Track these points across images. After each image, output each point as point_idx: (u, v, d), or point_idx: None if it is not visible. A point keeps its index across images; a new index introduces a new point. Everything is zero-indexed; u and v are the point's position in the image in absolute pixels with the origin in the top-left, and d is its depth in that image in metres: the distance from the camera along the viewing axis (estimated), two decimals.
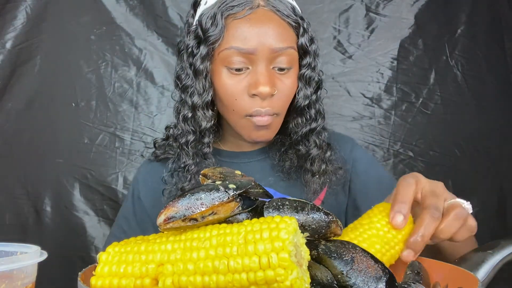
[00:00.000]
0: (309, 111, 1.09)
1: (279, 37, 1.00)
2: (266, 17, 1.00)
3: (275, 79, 1.01)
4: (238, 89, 1.01)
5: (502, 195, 1.66)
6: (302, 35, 1.04)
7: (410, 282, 0.63)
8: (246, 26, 0.99)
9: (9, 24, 1.58)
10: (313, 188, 1.10)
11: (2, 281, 0.63)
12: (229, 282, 0.54)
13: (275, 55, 1.00)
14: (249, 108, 1.01)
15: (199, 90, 1.04)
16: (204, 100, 1.04)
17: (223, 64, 1.01)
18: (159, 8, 1.69)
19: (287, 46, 1.01)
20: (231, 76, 1.01)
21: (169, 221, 0.58)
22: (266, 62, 1.00)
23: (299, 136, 1.09)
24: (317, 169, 1.09)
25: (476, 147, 1.67)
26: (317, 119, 1.10)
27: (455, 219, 0.73)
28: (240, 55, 0.99)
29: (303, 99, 1.07)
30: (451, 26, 1.68)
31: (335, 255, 0.59)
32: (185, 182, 1.09)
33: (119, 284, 0.60)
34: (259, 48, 0.98)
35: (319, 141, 1.10)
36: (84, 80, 1.67)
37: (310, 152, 1.09)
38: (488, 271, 0.71)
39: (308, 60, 1.06)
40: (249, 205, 0.63)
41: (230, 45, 0.99)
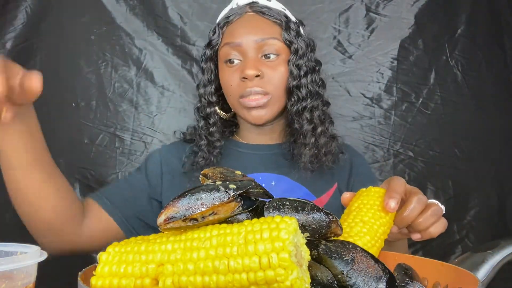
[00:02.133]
0: (300, 91, 1.24)
1: (261, 31, 1.23)
2: (251, 18, 1.26)
3: (262, 64, 1.22)
4: (232, 77, 1.24)
5: (502, 195, 1.66)
6: (286, 29, 1.25)
7: (408, 281, 0.63)
8: (235, 27, 1.26)
9: (9, 24, 1.58)
10: (303, 159, 1.24)
11: (2, 281, 0.62)
12: (229, 282, 0.54)
13: (260, 45, 1.22)
14: (241, 90, 1.22)
15: (205, 83, 1.32)
16: (207, 90, 1.31)
17: (222, 60, 1.26)
18: (159, 8, 1.69)
19: (269, 36, 1.22)
20: (228, 69, 1.25)
21: (169, 221, 0.58)
22: (253, 52, 1.22)
23: (293, 114, 1.25)
24: (308, 142, 1.25)
25: (476, 147, 1.67)
26: (306, 99, 1.25)
27: (432, 214, 0.86)
28: (232, 49, 1.23)
29: (292, 80, 1.24)
30: (451, 26, 1.68)
31: (336, 255, 0.59)
32: (200, 158, 1.28)
33: (119, 284, 0.60)
34: (244, 41, 1.22)
35: (310, 117, 1.25)
36: (84, 80, 1.67)
37: (303, 127, 1.25)
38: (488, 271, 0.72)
39: (294, 47, 1.25)
40: (250, 205, 0.63)
41: (224, 43, 1.25)
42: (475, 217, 1.68)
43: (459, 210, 1.68)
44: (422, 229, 0.86)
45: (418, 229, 0.86)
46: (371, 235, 0.78)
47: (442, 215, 0.89)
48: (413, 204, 0.84)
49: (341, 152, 1.32)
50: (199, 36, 1.68)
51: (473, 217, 1.68)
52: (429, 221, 0.85)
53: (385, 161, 1.70)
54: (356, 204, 0.86)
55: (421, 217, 0.85)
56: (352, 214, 0.83)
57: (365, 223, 0.79)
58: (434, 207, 0.86)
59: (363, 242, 0.75)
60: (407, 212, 0.84)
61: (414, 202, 0.85)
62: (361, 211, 0.83)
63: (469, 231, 1.68)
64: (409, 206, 0.84)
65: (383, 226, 0.81)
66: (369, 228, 0.79)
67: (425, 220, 0.85)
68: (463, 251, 1.67)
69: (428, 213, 0.85)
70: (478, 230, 1.68)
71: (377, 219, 0.81)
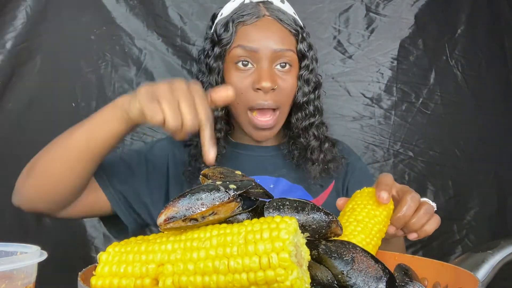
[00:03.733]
0: (308, 107, 1.24)
1: (280, 41, 1.17)
2: (270, 24, 1.19)
3: (276, 76, 1.17)
4: (243, 83, 1.17)
5: (502, 195, 1.66)
6: (301, 41, 1.22)
7: (408, 281, 0.63)
8: (253, 30, 1.18)
9: (9, 24, 1.57)
10: (313, 174, 1.24)
11: (2, 281, 0.63)
12: (229, 282, 0.54)
13: (276, 56, 1.17)
14: (252, 100, 1.17)
15: (212, 83, 1.22)
16: None
17: (232, 61, 1.19)
18: (159, 8, 1.68)
19: (287, 48, 1.18)
20: (238, 73, 1.18)
21: (169, 221, 0.58)
22: (268, 61, 1.16)
23: (299, 129, 1.25)
24: (316, 158, 1.24)
25: (476, 147, 1.68)
26: (315, 115, 1.25)
27: (424, 213, 0.86)
28: (245, 52, 1.16)
29: (301, 96, 1.22)
30: (451, 26, 1.68)
31: (336, 255, 0.59)
32: (202, 164, 1.21)
33: (119, 284, 0.60)
34: (262, 48, 1.16)
35: (317, 133, 1.25)
36: (84, 80, 1.67)
37: (310, 143, 1.24)
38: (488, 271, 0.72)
39: (306, 62, 1.22)
40: (250, 205, 0.63)
41: (238, 44, 1.17)
42: (475, 217, 1.68)
43: (459, 210, 1.68)
44: (417, 228, 0.87)
45: (414, 228, 0.87)
46: (366, 233, 0.78)
47: (434, 212, 0.90)
48: (408, 203, 0.85)
49: (343, 157, 1.31)
50: (199, 36, 1.68)
51: (473, 217, 1.68)
52: (423, 220, 0.86)
53: (385, 161, 1.70)
54: (350, 205, 0.87)
55: (415, 217, 0.86)
56: (346, 214, 0.84)
57: (359, 222, 0.80)
58: (426, 206, 0.87)
59: (357, 240, 0.76)
60: (402, 212, 0.84)
61: (408, 201, 0.85)
62: (355, 211, 0.84)
63: (469, 231, 1.68)
64: (404, 205, 0.85)
65: (378, 224, 0.82)
66: (363, 226, 0.79)
67: (419, 219, 0.86)
68: (463, 251, 1.67)
69: (421, 212, 0.86)
70: (478, 230, 1.68)
71: (371, 218, 0.82)
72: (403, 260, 0.75)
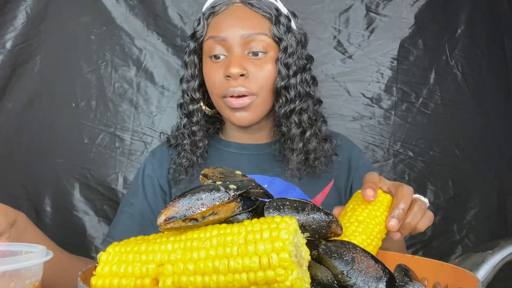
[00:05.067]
0: (288, 93, 1.18)
1: (248, 25, 1.15)
2: (238, 10, 1.18)
3: (247, 62, 1.15)
4: (216, 73, 1.17)
5: (502, 195, 1.66)
6: (275, 24, 1.17)
7: (408, 281, 0.63)
8: (221, 19, 1.18)
9: (9, 24, 1.57)
10: (291, 165, 1.19)
11: (11, 279, 0.63)
12: (229, 282, 0.54)
13: (247, 41, 1.15)
14: (224, 89, 1.16)
15: (188, 78, 1.24)
16: (190, 86, 1.24)
17: (206, 55, 1.19)
18: (159, 8, 1.68)
19: (257, 32, 1.15)
20: (212, 64, 1.18)
21: (169, 221, 0.59)
22: (239, 48, 1.15)
23: (280, 117, 1.20)
24: (295, 147, 1.19)
25: (476, 147, 1.67)
26: (295, 100, 1.19)
27: (418, 210, 0.85)
28: (216, 43, 1.16)
29: (280, 80, 1.17)
30: (451, 26, 1.68)
31: (336, 255, 0.59)
32: (184, 159, 1.24)
33: (119, 284, 0.60)
34: (230, 35, 1.14)
35: (298, 120, 1.19)
36: (84, 80, 1.67)
37: (291, 130, 1.19)
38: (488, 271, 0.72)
39: (283, 44, 1.17)
40: (250, 205, 0.63)
41: (209, 36, 1.18)
42: (475, 217, 1.68)
43: (459, 210, 1.68)
44: (412, 228, 0.86)
45: (408, 228, 0.85)
46: (367, 234, 0.78)
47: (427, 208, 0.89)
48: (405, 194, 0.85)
49: (335, 154, 1.26)
50: None
51: (473, 217, 1.68)
52: (417, 218, 0.85)
53: (385, 161, 1.70)
54: (351, 205, 0.86)
55: (410, 215, 0.85)
56: (347, 215, 0.83)
57: (360, 222, 0.80)
58: (418, 202, 0.87)
59: (358, 241, 0.76)
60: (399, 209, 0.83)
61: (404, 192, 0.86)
62: (355, 211, 0.83)
63: (469, 231, 1.68)
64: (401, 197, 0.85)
65: (379, 225, 0.81)
66: (364, 227, 0.79)
67: (414, 217, 0.85)
68: (463, 251, 1.67)
69: (414, 209, 0.85)
70: (478, 230, 1.68)
71: (372, 218, 0.81)
72: (403, 260, 0.75)
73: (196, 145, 1.25)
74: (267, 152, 1.28)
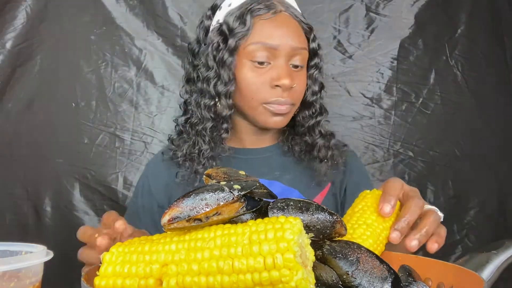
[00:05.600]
0: (315, 105, 1.23)
1: (297, 38, 1.15)
2: (287, 20, 1.16)
3: (293, 74, 1.15)
4: (260, 80, 1.14)
5: (502, 195, 1.66)
6: (313, 40, 1.20)
7: (412, 281, 0.63)
8: (271, 26, 1.14)
9: (9, 24, 1.58)
10: (322, 171, 1.23)
11: (11, 279, 0.63)
12: (234, 283, 0.54)
13: (293, 53, 1.14)
14: (269, 97, 1.14)
15: (225, 79, 1.15)
16: (228, 89, 1.16)
17: (247, 58, 1.14)
18: (159, 8, 1.69)
19: (303, 46, 1.16)
20: (254, 69, 1.14)
21: (173, 221, 0.58)
22: (286, 59, 1.14)
23: (305, 127, 1.23)
24: (324, 155, 1.23)
25: (476, 147, 1.68)
26: (322, 113, 1.25)
27: (433, 221, 0.80)
28: (264, 50, 1.13)
29: (311, 95, 1.22)
30: (451, 26, 1.69)
31: (340, 255, 0.58)
32: (199, 165, 1.20)
33: (123, 284, 0.60)
34: (281, 45, 1.12)
35: (324, 131, 1.25)
36: (84, 80, 1.67)
37: (316, 141, 1.23)
38: (493, 271, 0.72)
39: (316, 61, 1.22)
40: (254, 205, 0.63)
41: (257, 41, 1.13)
42: (475, 217, 1.68)
43: (459, 210, 1.68)
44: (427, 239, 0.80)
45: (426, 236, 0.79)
46: (374, 239, 0.76)
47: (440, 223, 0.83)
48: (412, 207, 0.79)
49: (345, 145, 1.32)
50: None
51: (473, 217, 1.68)
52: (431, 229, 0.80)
53: (385, 161, 1.70)
54: (360, 205, 0.84)
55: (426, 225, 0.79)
56: (355, 215, 0.81)
57: (368, 225, 0.78)
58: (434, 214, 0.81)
59: (366, 245, 0.73)
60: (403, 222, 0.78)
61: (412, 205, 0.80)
62: (365, 213, 0.81)
63: (469, 231, 1.68)
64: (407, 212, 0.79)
65: (385, 230, 0.79)
66: (372, 231, 0.77)
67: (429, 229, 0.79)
68: (463, 251, 1.67)
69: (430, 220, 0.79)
70: (478, 230, 1.68)
71: (380, 223, 0.79)
72: (407, 260, 0.75)
73: (217, 152, 1.22)
74: (267, 156, 1.29)
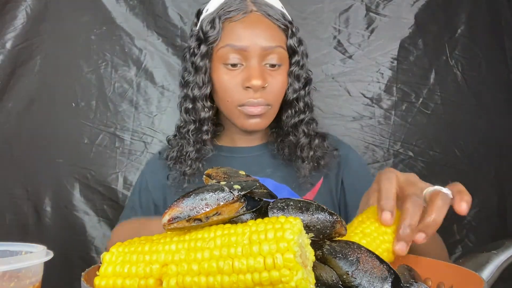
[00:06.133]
0: (298, 104, 1.23)
1: (269, 37, 1.15)
2: (258, 20, 1.16)
3: (266, 74, 1.16)
4: (233, 82, 1.16)
5: (502, 195, 1.66)
6: (291, 37, 1.20)
7: (412, 281, 0.63)
8: (241, 27, 1.15)
9: (9, 24, 1.58)
10: (303, 173, 1.23)
11: (11, 279, 0.63)
12: (234, 283, 0.54)
13: (266, 53, 1.15)
14: (243, 99, 1.15)
15: (199, 83, 1.20)
16: (203, 93, 1.20)
17: (220, 61, 1.17)
18: (159, 8, 1.68)
19: (276, 45, 1.16)
20: (227, 72, 1.16)
21: (173, 221, 0.58)
22: (258, 59, 1.14)
23: (289, 127, 1.23)
24: (306, 155, 1.23)
25: (476, 147, 1.67)
26: (305, 111, 1.24)
27: (442, 205, 0.74)
28: (235, 52, 1.14)
29: (292, 93, 1.21)
30: (451, 26, 1.68)
31: (340, 255, 0.58)
32: (187, 167, 1.23)
33: (123, 284, 0.60)
34: (251, 46, 1.13)
35: (307, 130, 1.24)
36: (84, 80, 1.67)
37: (300, 140, 1.23)
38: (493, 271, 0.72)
39: (296, 58, 1.21)
40: (254, 205, 0.63)
41: (226, 43, 1.15)
42: (475, 217, 1.68)
43: None
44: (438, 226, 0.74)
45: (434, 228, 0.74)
46: (372, 248, 0.69)
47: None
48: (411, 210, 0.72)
49: (335, 149, 1.29)
50: None
51: (473, 217, 1.68)
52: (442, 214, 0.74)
53: (385, 161, 1.70)
54: (360, 218, 0.78)
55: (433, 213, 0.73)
56: (353, 225, 0.76)
57: (365, 235, 0.73)
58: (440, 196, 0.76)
59: None
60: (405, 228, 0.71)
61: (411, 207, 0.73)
62: (363, 223, 0.76)
63: (469, 231, 1.68)
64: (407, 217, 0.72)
65: (386, 242, 0.73)
66: (370, 241, 0.72)
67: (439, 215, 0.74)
68: (463, 251, 1.67)
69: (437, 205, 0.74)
70: (478, 230, 1.68)
71: (380, 234, 0.73)
72: (407, 260, 0.75)
73: (202, 153, 1.25)
74: (259, 154, 1.30)
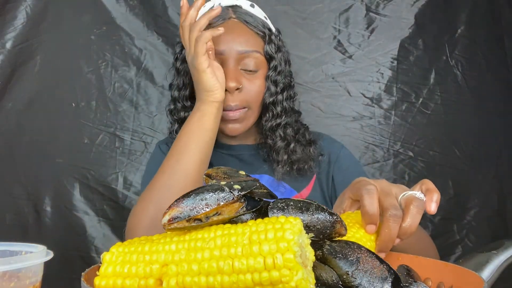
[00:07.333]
0: (275, 108, 1.25)
1: (244, 42, 1.20)
2: (235, 26, 1.22)
3: (242, 77, 1.20)
4: None
5: (502, 195, 1.66)
6: (268, 43, 1.24)
7: (412, 281, 0.63)
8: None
9: (9, 24, 1.58)
10: (277, 176, 1.27)
11: (11, 279, 0.63)
12: (234, 283, 0.54)
13: (242, 56, 1.20)
14: None
15: (179, 85, 1.28)
16: (182, 94, 1.28)
17: None
18: (159, 8, 1.69)
19: (252, 49, 1.21)
20: None
21: (173, 221, 0.58)
22: (234, 63, 1.19)
23: (267, 130, 1.27)
24: (280, 159, 1.26)
25: (476, 147, 1.68)
26: (281, 116, 1.26)
27: (417, 212, 0.74)
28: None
29: (269, 97, 1.24)
30: (451, 26, 1.68)
31: (340, 255, 0.58)
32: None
33: (123, 284, 0.60)
34: (227, 49, 1.19)
35: (284, 134, 1.27)
36: (84, 80, 1.67)
37: (276, 144, 1.26)
38: (493, 271, 0.72)
39: (274, 63, 1.24)
40: (254, 205, 0.63)
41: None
42: (475, 217, 1.68)
43: (459, 210, 1.68)
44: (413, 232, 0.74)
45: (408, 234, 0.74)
46: None
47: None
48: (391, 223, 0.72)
49: (321, 155, 1.31)
50: None
51: (473, 217, 1.68)
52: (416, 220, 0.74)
53: (385, 161, 1.70)
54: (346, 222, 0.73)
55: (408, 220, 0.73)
56: None
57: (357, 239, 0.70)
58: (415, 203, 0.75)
59: None
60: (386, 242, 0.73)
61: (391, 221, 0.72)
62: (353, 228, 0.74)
63: (469, 231, 1.68)
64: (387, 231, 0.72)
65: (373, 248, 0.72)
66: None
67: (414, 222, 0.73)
68: (463, 251, 1.67)
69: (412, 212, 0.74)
70: (478, 230, 1.68)
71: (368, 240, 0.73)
72: (407, 260, 0.75)
73: None
74: (253, 153, 1.33)
